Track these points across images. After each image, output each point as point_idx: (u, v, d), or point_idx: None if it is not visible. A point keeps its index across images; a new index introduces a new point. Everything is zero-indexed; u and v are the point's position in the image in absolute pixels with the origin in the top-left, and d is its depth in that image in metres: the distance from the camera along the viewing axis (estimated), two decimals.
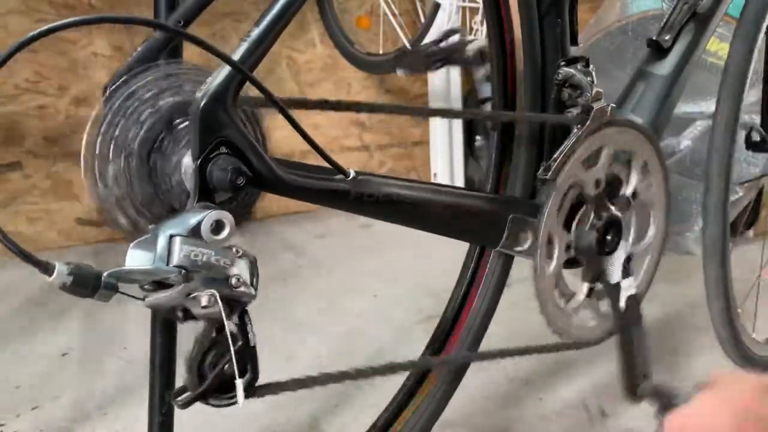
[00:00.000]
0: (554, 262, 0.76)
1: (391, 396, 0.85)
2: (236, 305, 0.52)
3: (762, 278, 1.21)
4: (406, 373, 0.86)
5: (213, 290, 0.49)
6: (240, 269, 0.51)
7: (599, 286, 0.82)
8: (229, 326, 0.52)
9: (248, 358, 0.54)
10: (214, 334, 0.53)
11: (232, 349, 0.52)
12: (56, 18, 1.79)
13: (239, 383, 0.53)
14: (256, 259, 0.53)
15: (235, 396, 0.53)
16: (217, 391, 0.53)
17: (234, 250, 0.51)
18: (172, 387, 0.74)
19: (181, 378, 0.75)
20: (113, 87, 0.53)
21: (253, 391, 0.55)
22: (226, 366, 0.53)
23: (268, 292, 1.53)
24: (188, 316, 0.51)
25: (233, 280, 0.50)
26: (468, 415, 1.05)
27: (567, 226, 0.78)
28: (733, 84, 0.94)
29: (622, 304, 0.81)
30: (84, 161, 0.51)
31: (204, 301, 0.49)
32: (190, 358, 0.52)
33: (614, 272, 0.81)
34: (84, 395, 1.12)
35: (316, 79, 2.09)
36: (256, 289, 0.52)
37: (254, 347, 0.54)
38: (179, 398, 0.53)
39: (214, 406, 0.54)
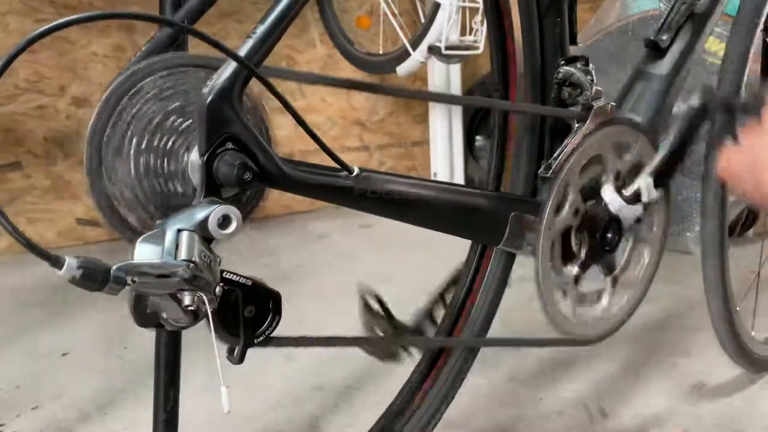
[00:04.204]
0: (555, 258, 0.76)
1: (392, 396, 0.85)
2: (201, 314, 0.51)
3: None
4: (406, 375, 0.86)
5: (203, 294, 0.49)
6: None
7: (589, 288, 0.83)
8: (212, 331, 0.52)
9: (260, 300, 0.57)
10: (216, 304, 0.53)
11: (213, 334, 0.52)
12: (57, 18, 1.79)
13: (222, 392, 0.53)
14: None
15: (268, 327, 0.58)
16: (254, 331, 0.57)
17: (219, 260, 0.51)
18: (176, 384, 0.74)
19: (185, 375, 0.76)
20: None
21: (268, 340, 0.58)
22: (247, 311, 0.56)
23: None
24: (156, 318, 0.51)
25: (218, 290, 0.51)
26: (468, 415, 1.05)
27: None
28: (730, 80, 0.95)
29: None
30: (87, 160, 0.51)
31: (187, 301, 0.49)
32: (216, 330, 0.53)
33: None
34: (84, 395, 1.12)
35: None
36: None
37: (255, 285, 0.56)
38: (231, 356, 0.57)
39: (262, 344, 0.58)
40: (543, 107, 0.81)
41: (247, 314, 0.56)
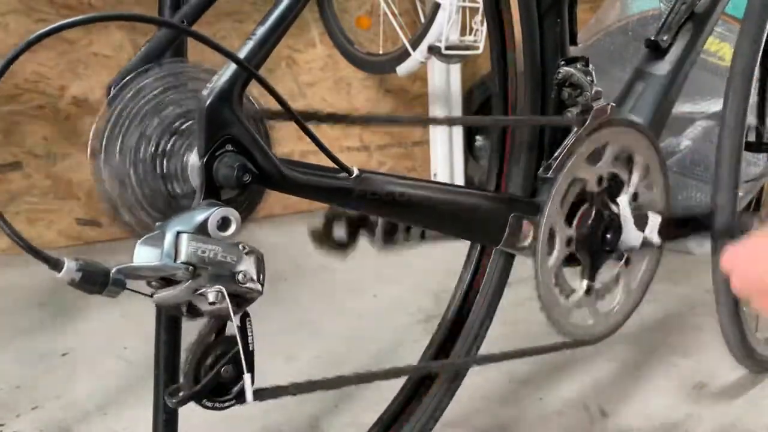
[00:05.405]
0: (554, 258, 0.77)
1: (392, 396, 0.85)
2: (243, 301, 0.52)
3: None
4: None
5: (220, 286, 0.50)
6: (247, 265, 0.51)
7: (597, 284, 0.83)
8: (235, 321, 0.52)
9: (246, 362, 0.53)
10: (214, 336, 0.54)
11: (240, 343, 0.52)
12: (56, 18, 1.80)
13: (248, 384, 0.53)
14: (262, 255, 0.53)
15: (228, 400, 0.54)
16: (212, 393, 0.53)
17: (241, 246, 0.51)
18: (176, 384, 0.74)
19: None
20: (118, 86, 0.53)
21: (249, 395, 0.55)
22: (223, 369, 0.53)
23: (268, 291, 1.53)
24: (193, 312, 0.52)
25: (240, 276, 0.51)
26: (468, 415, 1.05)
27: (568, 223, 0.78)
28: (740, 82, 0.95)
29: None
30: (91, 160, 0.51)
31: (211, 298, 0.50)
32: (189, 358, 0.53)
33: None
34: (84, 395, 1.12)
35: (316, 79, 2.09)
36: (262, 285, 0.52)
37: (252, 352, 0.54)
38: (174, 397, 0.53)
39: (207, 408, 0.54)
40: (541, 117, 0.81)
41: (223, 373, 0.53)
